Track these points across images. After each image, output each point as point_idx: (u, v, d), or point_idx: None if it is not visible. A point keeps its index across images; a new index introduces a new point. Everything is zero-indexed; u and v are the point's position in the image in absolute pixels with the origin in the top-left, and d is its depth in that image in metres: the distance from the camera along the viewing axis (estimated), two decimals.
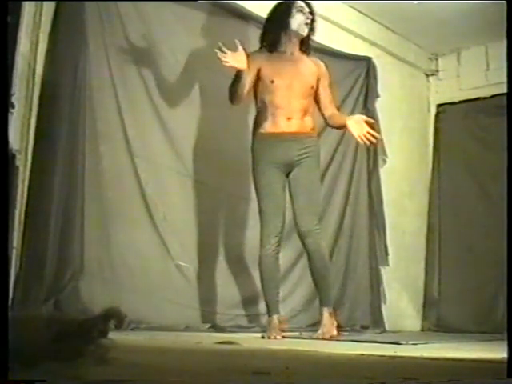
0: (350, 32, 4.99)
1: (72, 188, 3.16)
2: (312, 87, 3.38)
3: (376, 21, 5.16)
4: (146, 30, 3.60)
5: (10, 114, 2.93)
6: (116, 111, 3.42)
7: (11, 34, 2.87)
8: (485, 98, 5.51)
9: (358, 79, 4.88)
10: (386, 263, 4.93)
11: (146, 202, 3.49)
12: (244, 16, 4.09)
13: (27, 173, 3.04)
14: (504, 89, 2.48)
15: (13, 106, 2.98)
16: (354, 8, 4.95)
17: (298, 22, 3.33)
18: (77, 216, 3.16)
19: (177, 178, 3.69)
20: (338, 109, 3.80)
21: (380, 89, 4.99)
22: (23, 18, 3.07)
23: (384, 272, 4.92)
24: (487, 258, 5.11)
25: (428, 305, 5.51)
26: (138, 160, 3.48)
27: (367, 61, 4.94)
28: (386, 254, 4.93)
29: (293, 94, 3.29)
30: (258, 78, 3.31)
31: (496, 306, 5.02)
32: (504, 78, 2.75)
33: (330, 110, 3.45)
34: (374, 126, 3.38)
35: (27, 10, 3.10)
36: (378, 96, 4.97)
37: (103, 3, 3.40)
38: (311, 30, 3.39)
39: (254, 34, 4.18)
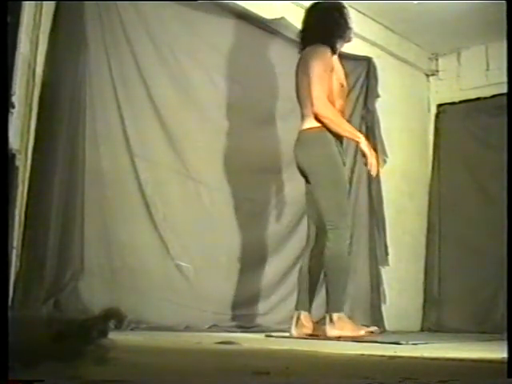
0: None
1: (72, 188, 3.16)
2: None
3: (376, 21, 5.16)
4: (146, 29, 3.60)
5: (10, 114, 2.93)
6: (116, 111, 3.42)
7: (11, 34, 2.87)
8: (485, 98, 5.50)
9: (358, 79, 4.88)
10: (386, 263, 4.93)
11: (146, 202, 3.49)
12: (244, 16, 4.09)
13: (27, 173, 3.04)
14: (504, 89, 2.48)
15: (13, 106, 2.98)
16: (353, 8, 4.94)
17: (341, 29, 3.47)
18: (77, 216, 3.16)
19: (177, 178, 3.69)
20: None
21: (380, 89, 4.99)
22: (23, 18, 3.07)
23: (384, 272, 4.92)
24: (487, 258, 5.11)
25: (428, 305, 5.51)
26: (138, 160, 3.48)
27: (367, 61, 4.94)
28: (386, 253, 4.93)
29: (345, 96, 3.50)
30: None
31: (496, 306, 5.02)
32: (504, 78, 2.75)
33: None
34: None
35: (27, 9, 3.10)
36: (378, 96, 4.98)
37: (103, 3, 3.40)
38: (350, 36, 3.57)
39: (254, 34, 4.20)
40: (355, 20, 4.98)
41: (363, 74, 4.90)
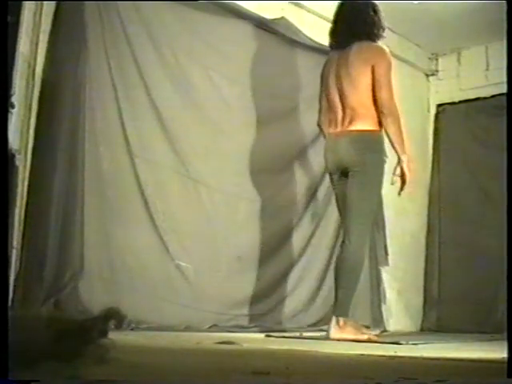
0: None
1: (72, 188, 3.16)
2: None
3: None
4: (146, 29, 3.60)
5: (9, 114, 2.93)
6: (116, 111, 3.42)
7: (11, 34, 2.87)
8: (485, 98, 5.50)
9: None
10: (386, 263, 4.92)
11: (145, 202, 3.48)
12: (244, 16, 4.09)
13: (27, 173, 3.04)
14: (504, 89, 2.48)
15: (13, 106, 2.98)
16: None
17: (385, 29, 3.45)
18: (77, 216, 3.16)
19: (177, 178, 3.69)
20: None
21: None
22: (23, 18, 3.07)
23: (384, 272, 4.92)
24: (487, 258, 5.11)
25: (428, 305, 5.51)
26: (138, 160, 3.48)
27: None
28: (386, 253, 4.93)
29: None
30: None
31: (496, 306, 5.01)
32: (504, 78, 2.76)
33: None
34: None
35: (27, 9, 3.10)
36: None
37: (103, 3, 3.40)
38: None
39: (254, 34, 4.20)
40: None
41: None
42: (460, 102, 5.70)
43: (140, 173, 3.47)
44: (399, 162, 3.29)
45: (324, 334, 3.30)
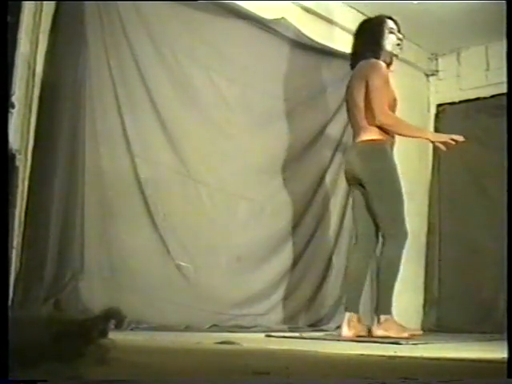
0: (350, 32, 4.98)
1: (72, 188, 3.16)
2: None
3: None
4: (146, 29, 3.60)
5: (10, 114, 2.93)
6: (116, 111, 3.42)
7: (11, 34, 2.87)
8: (485, 98, 5.50)
9: None
10: None
11: (146, 201, 3.49)
12: (244, 16, 4.09)
13: (27, 173, 3.04)
14: (504, 89, 2.48)
15: (13, 106, 2.98)
16: (354, 8, 4.95)
17: (391, 42, 3.63)
18: (77, 216, 3.16)
19: (177, 178, 3.69)
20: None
21: None
22: (23, 18, 3.07)
23: None
24: (487, 258, 5.11)
25: (428, 305, 5.50)
26: (138, 160, 3.48)
27: None
28: None
29: None
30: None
31: (496, 306, 5.01)
32: (504, 78, 2.75)
33: None
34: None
35: (27, 9, 3.10)
36: None
37: (103, 3, 3.40)
38: (400, 49, 3.70)
39: (254, 34, 4.20)
40: (355, 20, 5.00)
41: None
42: (460, 101, 5.70)
43: (140, 173, 3.47)
44: (432, 143, 3.61)
45: (323, 334, 3.32)
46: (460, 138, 3.48)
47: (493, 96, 5.31)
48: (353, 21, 4.98)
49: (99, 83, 3.35)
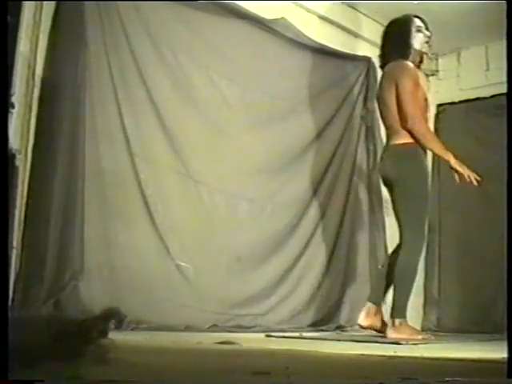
0: (350, 32, 4.99)
1: (72, 188, 3.16)
2: None
3: (376, 21, 5.15)
4: (146, 29, 3.60)
5: (10, 114, 2.93)
6: (116, 111, 3.42)
7: (11, 34, 2.87)
8: (485, 98, 5.49)
9: (358, 79, 4.88)
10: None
11: (146, 201, 3.49)
12: (244, 16, 4.09)
13: (27, 173, 3.04)
14: (504, 89, 2.48)
15: (13, 106, 2.98)
16: (354, 8, 4.95)
17: (419, 41, 3.62)
18: (77, 216, 3.16)
19: (177, 178, 3.69)
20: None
21: None
22: (23, 18, 3.07)
23: None
24: (487, 258, 5.11)
25: (428, 305, 5.50)
26: (138, 160, 3.48)
27: (367, 61, 4.93)
28: (386, 253, 4.92)
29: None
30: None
31: (496, 306, 5.01)
32: (504, 78, 2.75)
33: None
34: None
35: (27, 9, 3.10)
36: None
37: (103, 3, 3.40)
38: (429, 46, 3.70)
39: (254, 34, 4.20)
40: (355, 20, 5.01)
41: (363, 73, 4.90)
42: (460, 101, 5.69)
43: (140, 173, 3.47)
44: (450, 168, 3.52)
45: (323, 334, 3.32)
46: (477, 179, 3.49)
47: (493, 96, 5.30)
48: (353, 21, 5.00)
49: (99, 83, 3.35)
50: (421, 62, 3.68)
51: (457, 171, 3.47)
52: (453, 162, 3.48)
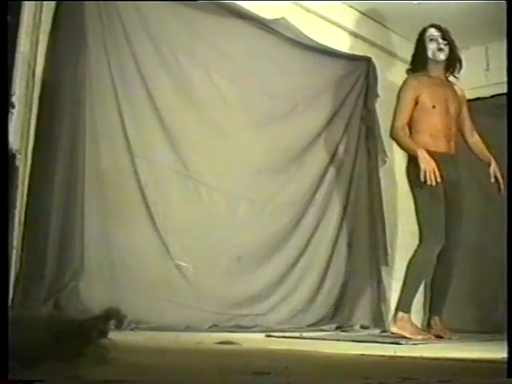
0: (350, 32, 4.99)
1: (72, 188, 3.16)
2: (459, 113, 3.91)
3: (376, 21, 5.15)
4: (146, 29, 3.60)
5: (10, 114, 2.93)
6: (116, 111, 3.42)
7: (11, 34, 2.87)
8: (485, 98, 5.49)
9: (358, 79, 4.88)
10: (386, 263, 4.92)
11: (146, 201, 3.49)
12: (244, 16, 4.09)
13: (27, 173, 3.04)
14: (504, 89, 2.48)
15: (13, 106, 2.98)
16: (354, 8, 4.95)
17: (431, 50, 3.84)
18: (77, 216, 3.16)
19: (177, 178, 3.69)
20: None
21: (380, 89, 4.98)
22: (23, 18, 3.06)
23: (384, 272, 4.91)
24: (487, 258, 5.11)
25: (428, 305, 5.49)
26: (138, 160, 3.48)
27: (367, 61, 4.93)
28: (386, 253, 4.92)
29: (450, 118, 3.77)
30: (416, 102, 3.75)
31: (496, 306, 5.01)
32: (504, 78, 2.75)
33: (474, 136, 4.06)
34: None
35: (27, 9, 3.10)
36: (377, 96, 4.97)
37: (103, 3, 3.40)
38: (451, 53, 3.90)
39: (254, 34, 4.20)
40: (355, 20, 5.01)
41: (363, 73, 4.90)
42: None
43: (140, 173, 3.47)
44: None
45: (323, 334, 3.32)
46: (438, 179, 3.60)
47: (493, 96, 5.30)
48: (353, 21, 5.00)
49: (99, 83, 3.35)
50: (448, 69, 3.96)
51: (423, 166, 3.61)
52: (420, 157, 3.61)
